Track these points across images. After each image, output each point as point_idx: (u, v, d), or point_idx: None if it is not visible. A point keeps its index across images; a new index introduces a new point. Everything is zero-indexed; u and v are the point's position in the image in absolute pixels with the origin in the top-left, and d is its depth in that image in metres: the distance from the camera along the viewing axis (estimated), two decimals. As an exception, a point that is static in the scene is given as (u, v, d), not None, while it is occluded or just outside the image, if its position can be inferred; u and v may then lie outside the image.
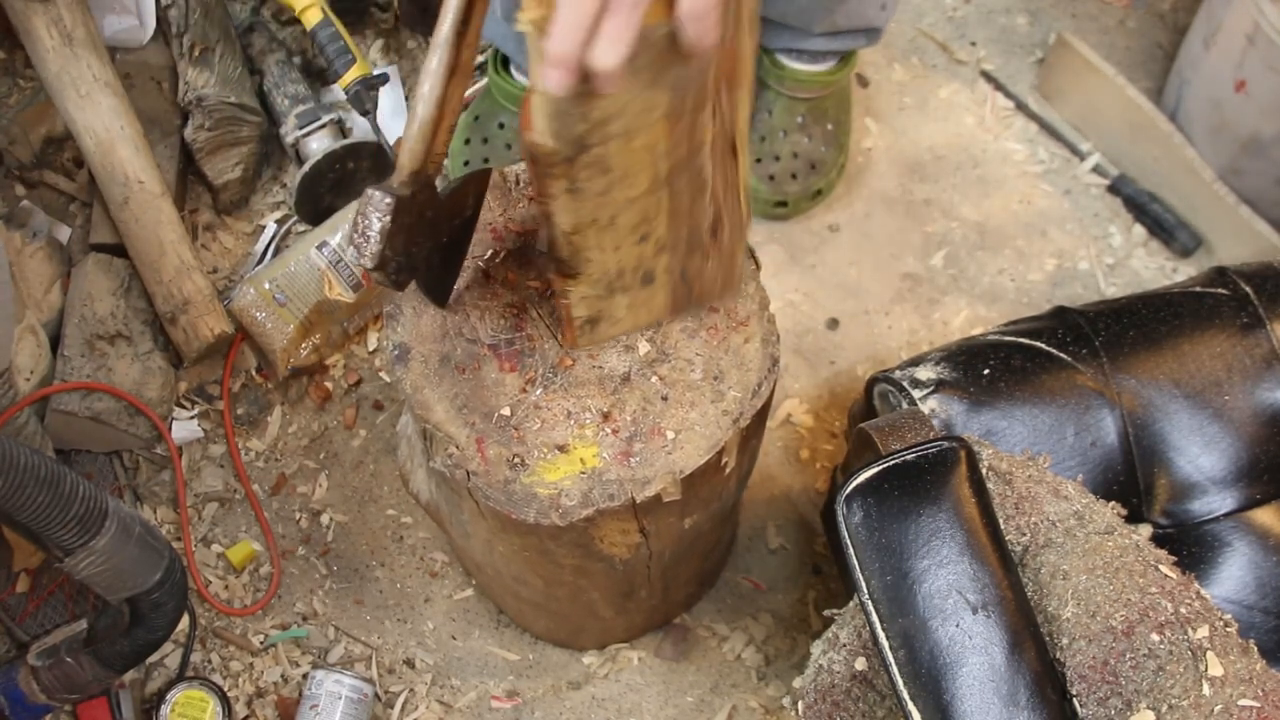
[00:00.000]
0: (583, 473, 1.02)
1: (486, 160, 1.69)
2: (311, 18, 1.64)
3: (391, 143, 1.65)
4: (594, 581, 1.21)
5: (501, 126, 1.69)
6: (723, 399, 1.05)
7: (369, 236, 0.95)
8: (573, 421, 1.03)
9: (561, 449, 1.03)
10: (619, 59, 0.75)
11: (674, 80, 0.84)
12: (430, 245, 1.01)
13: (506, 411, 1.04)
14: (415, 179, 0.96)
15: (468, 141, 1.71)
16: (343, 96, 1.65)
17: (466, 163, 1.70)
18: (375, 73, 1.63)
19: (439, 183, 1.00)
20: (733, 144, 0.96)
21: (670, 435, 1.03)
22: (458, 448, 1.03)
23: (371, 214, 0.94)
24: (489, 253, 1.10)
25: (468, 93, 1.47)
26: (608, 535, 1.06)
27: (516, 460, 1.02)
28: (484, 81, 1.74)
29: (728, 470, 1.08)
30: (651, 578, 1.24)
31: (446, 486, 1.11)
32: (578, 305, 1.01)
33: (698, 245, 1.01)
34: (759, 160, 1.70)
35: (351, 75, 1.61)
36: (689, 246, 1.01)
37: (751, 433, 1.08)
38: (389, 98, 1.72)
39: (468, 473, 1.02)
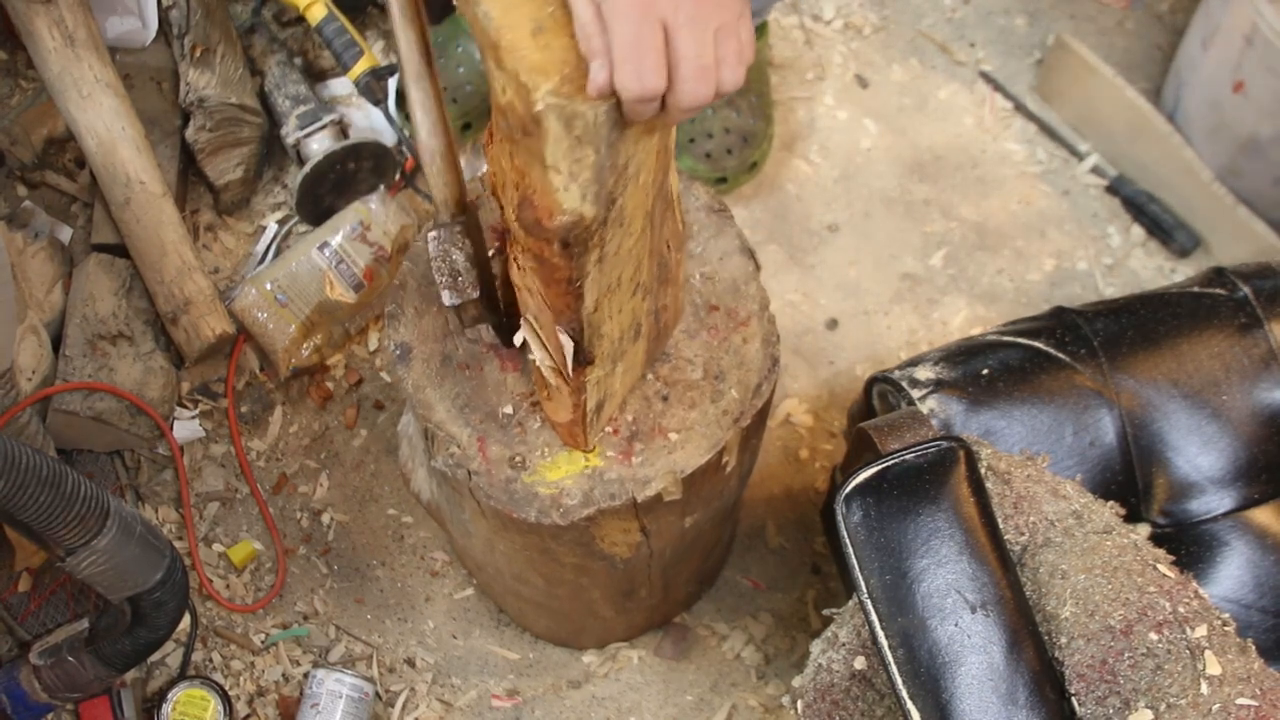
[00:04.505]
0: (584, 472, 1.02)
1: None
2: (316, 14, 1.65)
3: (402, 133, 1.66)
4: (595, 580, 1.21)
5: (459, 49, 1.71)
6: (723, 399, 1.05)
7: (458, 269, 0.91)
8: (573, 421, 1.03)
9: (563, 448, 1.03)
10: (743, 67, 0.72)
11: None
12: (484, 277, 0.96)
13: (508, 410, 1.04)
14: (461, 207, 0.94)
15: None
16: (344, 94, 1.65)
17: None
18: (383, 64, 1.64)
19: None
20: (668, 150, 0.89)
21: (671, 435, 1.03)
22: (459, 447, 1.03)
23: (450, 249, 0.91)
24: (489, 251, 1.10)
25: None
26: (609, 534, 1.07)
27: (518, 459, 1.03)
28: None
29: (728, 469, 1.09)
30: (652, 577, 1.24)
31: (448, 486, 1.11)
32: (591, 394, 0.94)
33: (665, 274, 0.96)
34: (692, 140, 1.71)
35: (361, 67, 1.62)
36: (660, 279, 0.95)
37: (752, 432, 1.09)
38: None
39: (469, 472, 1.02)
